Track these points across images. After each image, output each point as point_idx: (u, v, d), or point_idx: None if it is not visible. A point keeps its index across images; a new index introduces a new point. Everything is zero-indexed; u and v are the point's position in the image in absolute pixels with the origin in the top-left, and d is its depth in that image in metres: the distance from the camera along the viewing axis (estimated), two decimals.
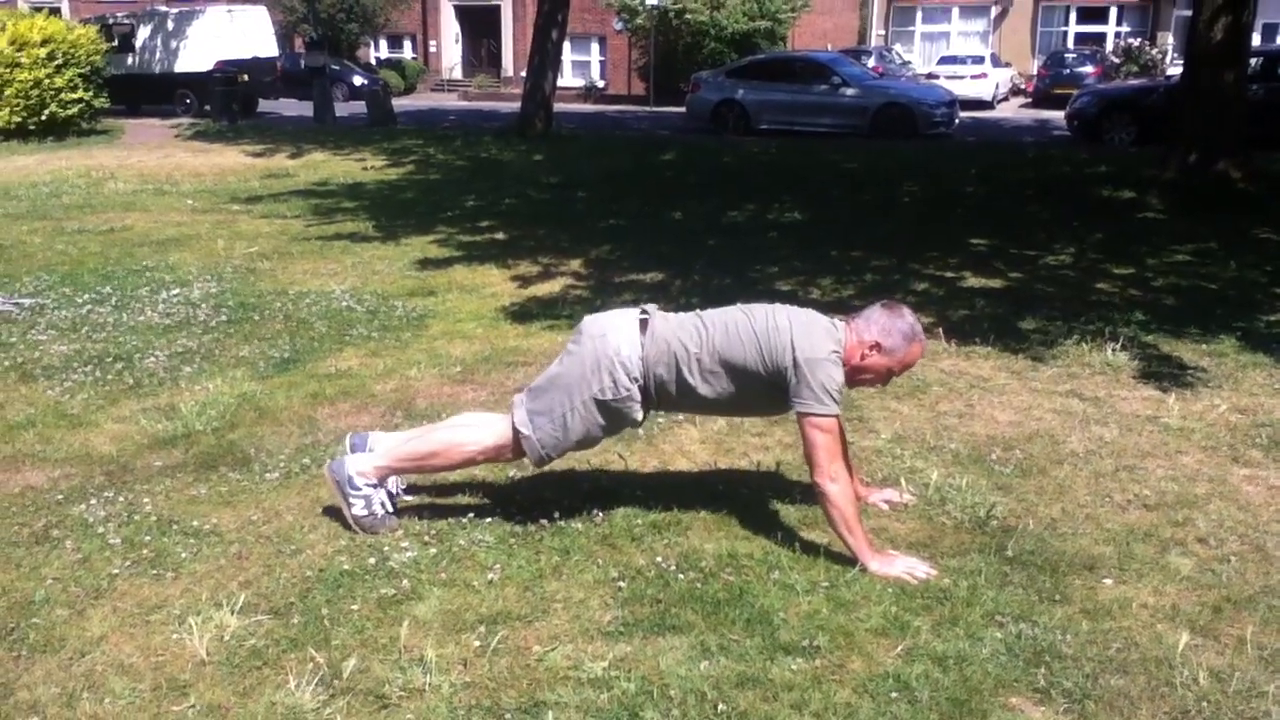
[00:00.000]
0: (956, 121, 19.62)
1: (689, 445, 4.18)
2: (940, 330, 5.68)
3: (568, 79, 32.40)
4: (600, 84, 33.11)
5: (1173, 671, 2.66)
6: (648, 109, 27.91)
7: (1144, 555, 3.27)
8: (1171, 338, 5.56)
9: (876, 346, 3.22)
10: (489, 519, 3.50)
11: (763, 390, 3.26)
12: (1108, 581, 3.12)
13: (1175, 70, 23.08)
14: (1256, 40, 26.04)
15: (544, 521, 3.47)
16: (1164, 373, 5.00)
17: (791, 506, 3.60)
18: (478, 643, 2.79)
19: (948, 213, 9.89)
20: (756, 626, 2.87)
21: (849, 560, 3.19)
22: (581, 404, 3.26)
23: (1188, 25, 12.20)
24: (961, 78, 26.84)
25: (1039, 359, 5.24)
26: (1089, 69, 27.54)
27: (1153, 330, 5.69)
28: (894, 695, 2.57)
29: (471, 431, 3.44)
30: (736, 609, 2.95)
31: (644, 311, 3.36)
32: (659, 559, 3.23)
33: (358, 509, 3.39)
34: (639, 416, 3.35)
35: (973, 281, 6.99)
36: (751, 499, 3.65)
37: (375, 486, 3.40)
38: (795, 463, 3.97)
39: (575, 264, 7.68)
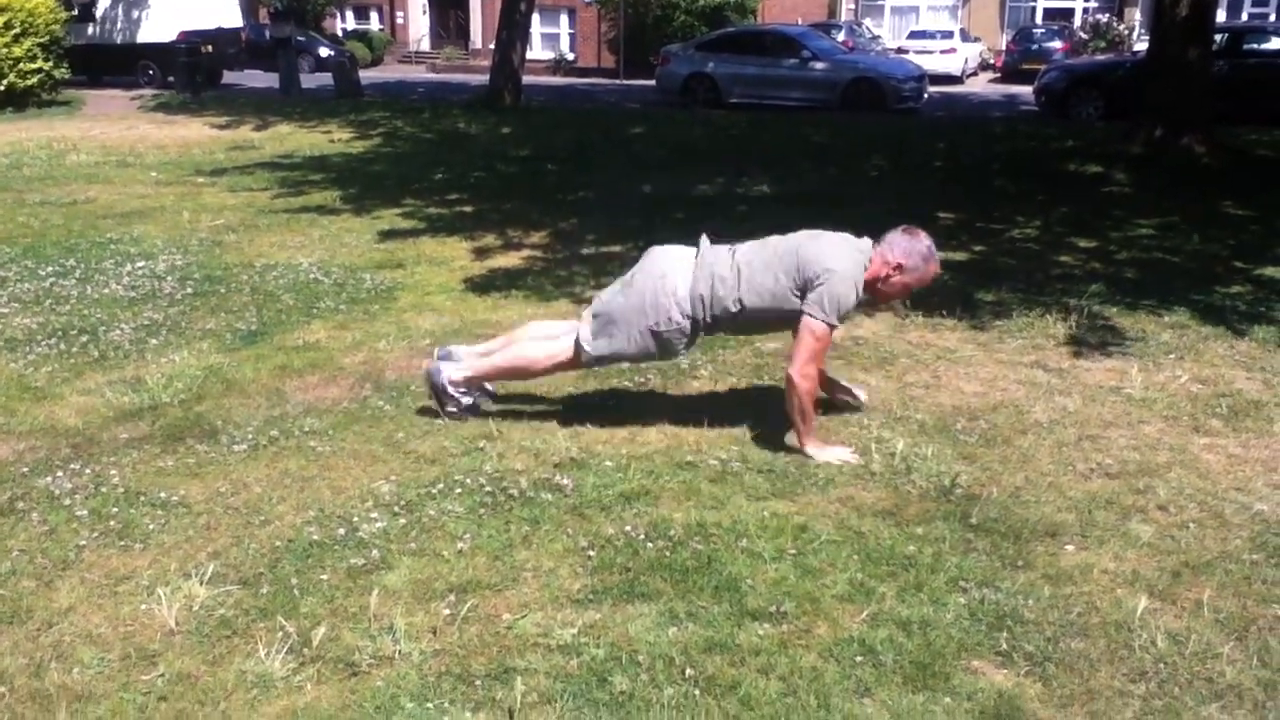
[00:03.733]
0: (925, 96, 19.67)
1: (659, 416, 4.19)
2: (906, 302, 5.72)
3: (537, 51, 32.18)
4: (570, 57, 32.94)
5: (1131, 634, 2.71)
6: (618, 82, 27.78)
7: (1105, 522, 3.33)
8: (1134, 310, 5.62)
9: (899, 267, 3.70)
10: (458, 490, 3.50)
11: (784, 314, 3.71)
12: (1069, 548, 3.17)
13: (1142, 45, 23.24)
14: (1221, 16, 26.27)
15: (513, 492, 3.49)
16: (1126, 344, 5.07)
17: (760, 476, 3.63)
18: (447, 611, 2.80)
19: (915, 186, 9.93)
20: (724, 593, 2.90)
21: (816, 529, 3.24)
22: (639, 333, 3.78)
23: (1154, 1, 12.27)
24: (930, 52, 26.91)
25: (1004, 331, 5.30)
26: (1057, 44, 27.70)
27: (1117, 303, 5.75)
28: (859, 659, 2.61)
29: (542, 348, 3.96)
30: (705, 576, 2.98)
31: (697, 247, 3.84)
32: (628, 528, 3.25)
33: (453, 409, 4.02)
34: (683, 348, 3.88)
35: (939, 254, 7.02)
36: (720, 469, 3.68)
37: (465, 392, 4.01)
38: (764, 434, 4.00)
39: (543, 236, 7.67)
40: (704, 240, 3.89)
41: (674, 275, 3.76)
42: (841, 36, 26.11)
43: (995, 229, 7.92)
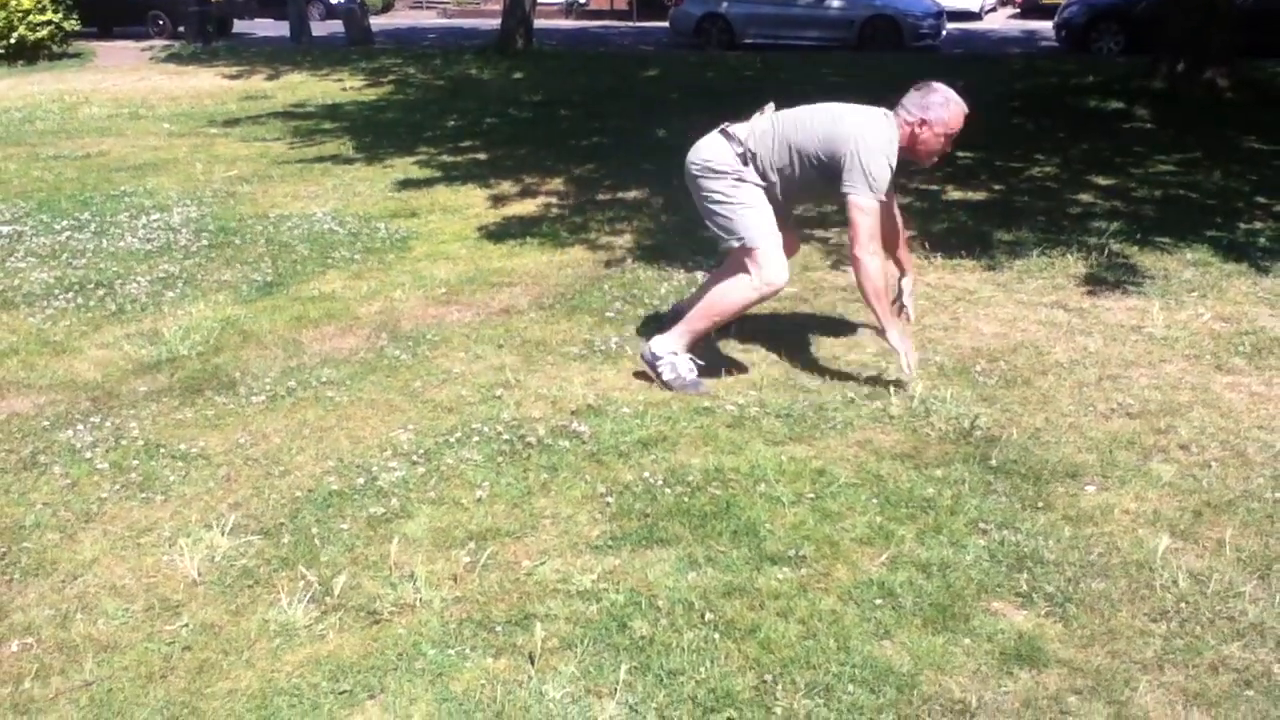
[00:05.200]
0: (944, 33, 19.36)
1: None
2: (925, 244, 5.67)
3: None
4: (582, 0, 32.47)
5: (1153, 574, 2.70)
6: (631, 24, 27.40)
7: (1126, 462, 3.31)
8: (1155, 248, 5.55)
9: (923, 122, 3.72)
10: (476, 438, 3.51)
11: (822, 178, 3.77)
12: (1090, 488, 3.15)
13: None
14: None
15: (531, 440, 3.49)
16: (1147, 283, 5.01)
17: (778, 421, 3.61)
18: (467, 559, 2.81)
19: None
20: (743, 538, 2.90)
21: (834, 472, 3.23)
22: (730, 186, 3.83)
23: None
24: None
25: (1024, 271, 5.24)
26: None
27: (1138, 241, 5.68)
28: (879, 602, 2.61)
29: (730, 289, 3.88)
30: (723, 521, 2.98)
31: (722, 128, 3.94)
32: (646, 474, 3.25)
33: (666, 374, 3.90)
34: (759, 180, 3.85)
35: (955, 195, 6.95)
36: (738, 415, 3.67)
37: (675, 354, 3.91)
38: (780, 378, 3.98)
39: (557, 183, 7.61)
40: (728, 125, 3.98)
41: (701, 149, 3.94)
42: None
43: (1014, 167, 7.82)
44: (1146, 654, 2.42)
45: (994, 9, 29.23)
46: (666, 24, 20.97)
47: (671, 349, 3.93)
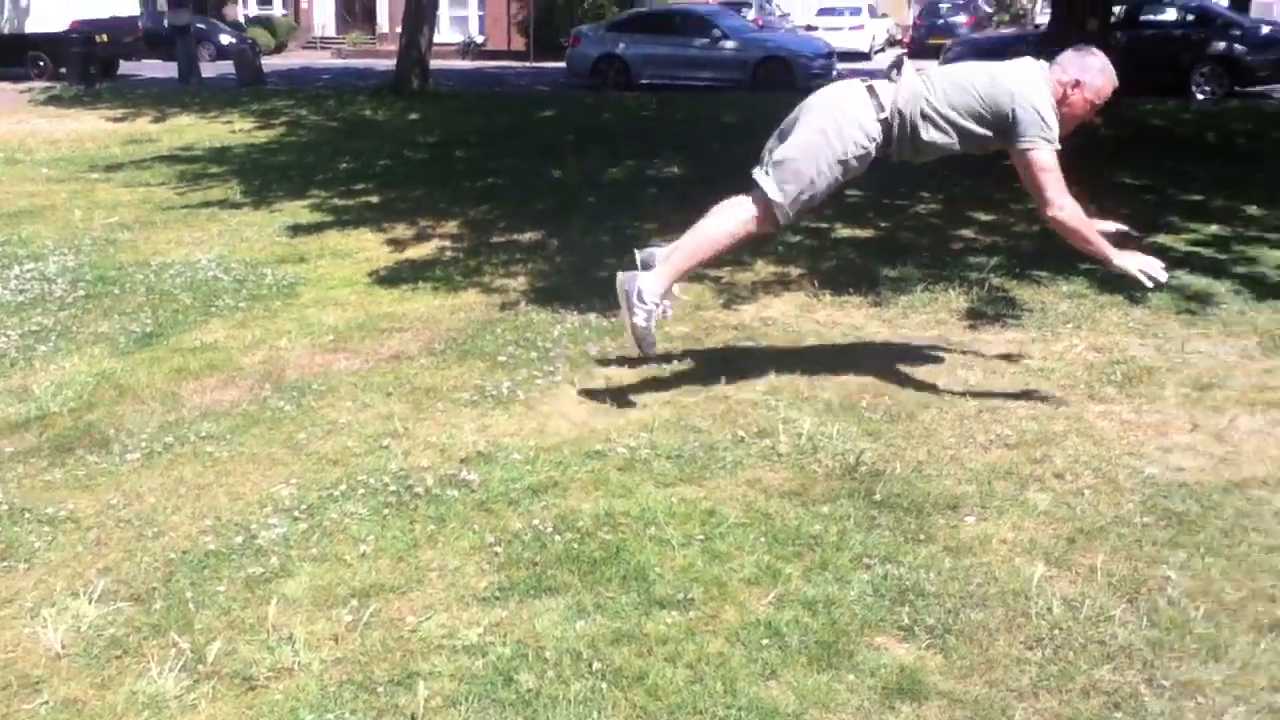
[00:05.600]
0: (835, 73, 19.82)
1: (567, 405, 4.17)
2: (814, 281, 5.77)
3: (445, 35, 31.69)
4: (479, 40, 32.55)
5: (1029, 602, 2.77)
6: (528, 65, 27.55)
7: (1004, 492, 3.39)
8: (1033, 282, 5.74)
9: (1077, 84, 3.73)
10: (362, 490, 3.44)
11: (989, 132, 3.74)
12: (970, 519, 3.22)
13: (1045, 19, 23.70)
14: None
15: (419, 490, 3.44)
16: (1025, 315, 5.18)
17: (669, 462, 3.63)
18: (349, 617, 2.75)
19: None
20: (632, 583, 2.90)
21: (723, 512, 3.25)
22: (827, 165, 3.75)
23: None
24: (839, 29, 27.23)
25: (908, 307, 5.36)
26: (962, 19, 28.19)
27: (1016, 275, 5.86)
28: (765, 642, 2.62)
29: (724, 220, 3.90)
30: (613, 567, 2.97)
31: (866, 80, 3.87)
32: (536, 521, 3.23)
33: (639, 318, 3.84)
34: (866, 166, 3.87)
35: (844, 232, 7.10)
36: (629, 457, 3.67)
37: (658, 302, 3.86)
38: (672, 419, 4.00)
39: (452, 225, 7.56)
40: (871, 81, 3.89)
41: (852, 103, 3.79)
42: (752, 15, 26.20)
43: (900, 204, 8.02)
44: (1022, 682, 2.48)
45: (883, 49, 30.15)
46: (564, 65, 21.11)
47: (656, 296, 3.87)
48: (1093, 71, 3.76)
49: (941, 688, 2.46)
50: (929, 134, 3.79)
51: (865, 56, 27.74)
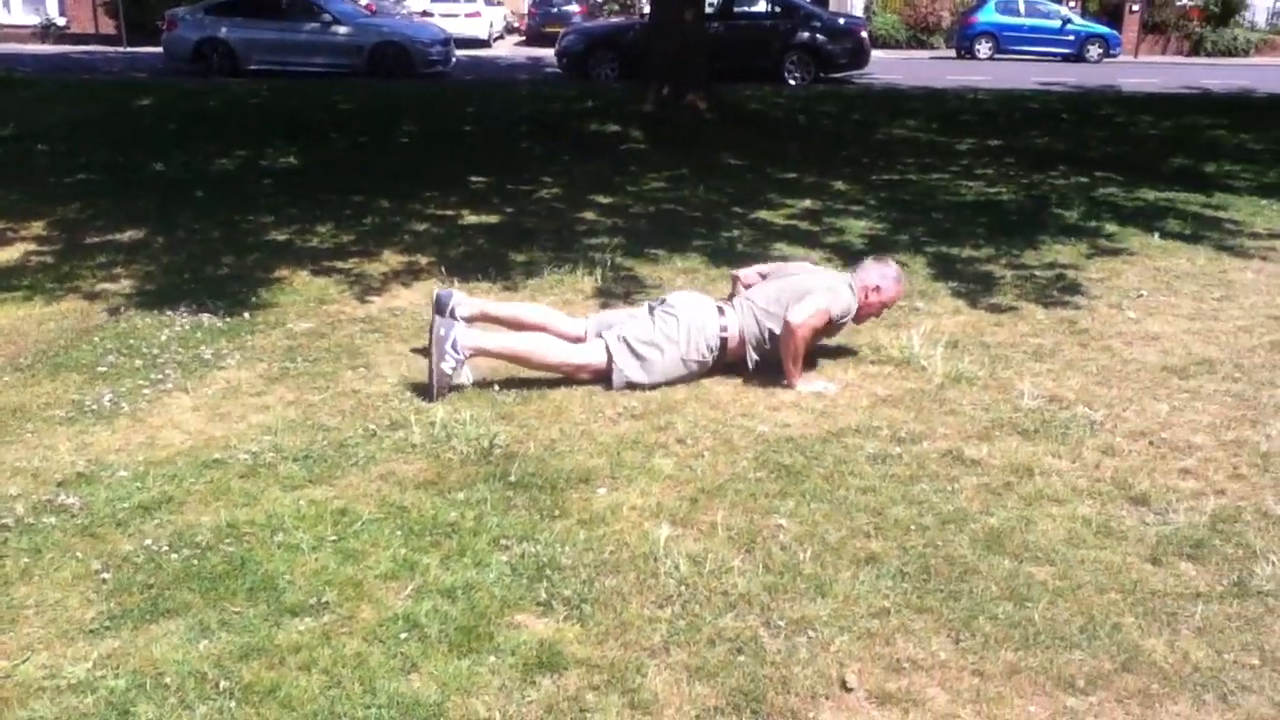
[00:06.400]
0: (454, 60, 19.80)
1: (180, 415, 3.88)
2: (443, 268, 5.74)
3: (18, 15, 28.53)
4: (60, 21, 29.44)
5: (657, 563, 2.91)
6: (121, 50, 25.26)
7: (632, 461, 3.54)
8: (652, 261, 6.03)
9: (877, 289, 4.35)
10: None
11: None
12: (601, 491, 3.34)
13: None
14: None
15: (8, 522, 3.08)
16: (646, 291, 5.42)
17: (296, 465, 3.47)
18: None
19: (446, 152, 9.97)
20: (260, 594, 2.75)
21: (356, 510, 3.17)
22: (671, 365, 4.15)
23: None
24: (455, 16, 27.15)
25: (537, 289, 5.46)
26: (575, 8, 28.98)
27: (636, 254, 6.13)
28: (404, 636, 2.58)
29: (563, 354, 4.15)
30: (238, 580, 2.80)
31: (718, 303, 4.33)
32: (148, 541, 2.98)
33: (447, 365, 4.00)
34: (691, 374, 4.22)
35: (471, 219, 7.12)
36: (252, 463, 3.48)
37: (468, 358, 4.05)
38: (298, 419, 3.83)
39: (38, 227, 6.79)
40: (722, 302, 4.37)
41: (705, 314, 4.22)
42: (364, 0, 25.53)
43: (524, 190, 8.14)
44: (654, 639, 2.60)
45: (501, 37, 30.46)
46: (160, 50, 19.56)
47: (469, 352, 4.05)
48: (890, 280, 4.39)
49: (580, 656, 2.53)
50: (756, 357, 4.27)
51: (485, 44, 27.89)
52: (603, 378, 4.15)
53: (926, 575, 2.89)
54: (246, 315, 4.98)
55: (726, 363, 4.30)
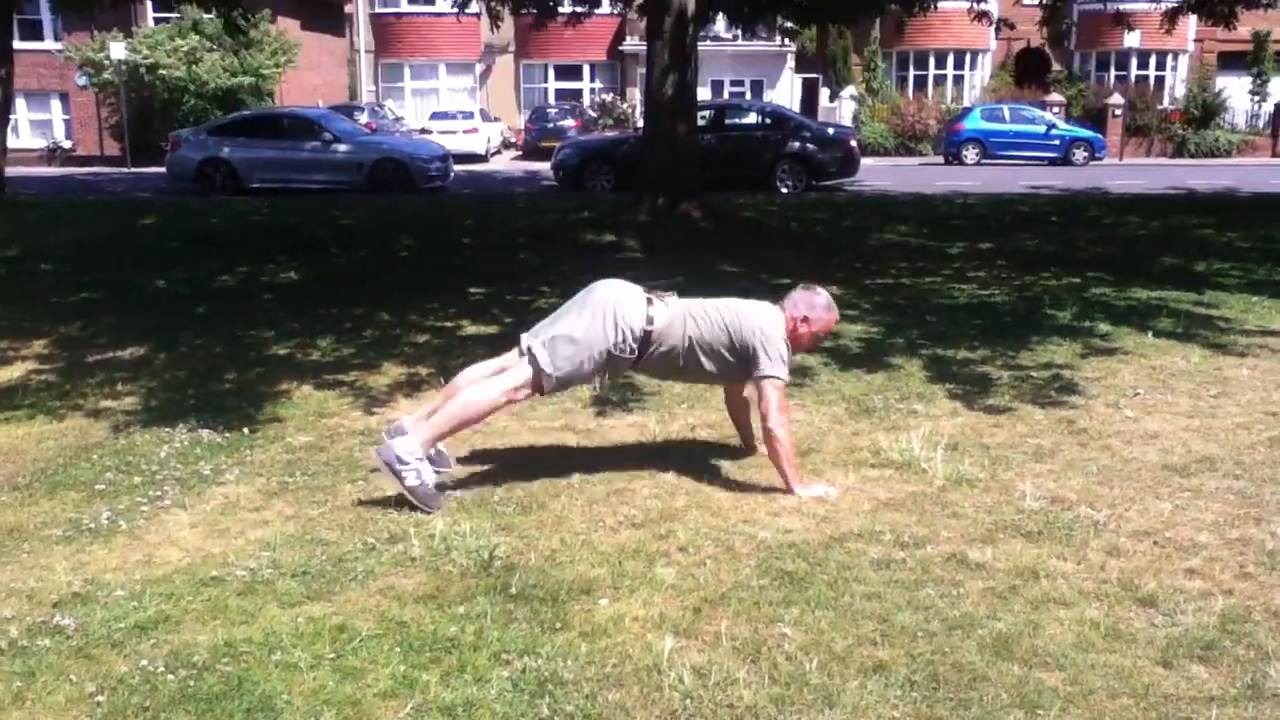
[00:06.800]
0: (452, 175, 20.20)
1: (178, 531, 3.86)
2: (440, 380, 5.76)
3: (26, 140, 29.20)
4: (66, 144, 30.14)
5: (661, 676, 2.86)
6: (125, 170, 25.85)
7: (634, 571, 3.50)
8: None
9: (805, 319, 4.27)
10: None
11: (734, 363, 4.21)
12: (603, 601, 3.30)
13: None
14: (706, 95, 29.57)
15: (1, 644, 3.04)
16: (647, 398, 5.45)
17: (294, 581, 3.44)
18: None
19: (446, 264, 10.11)
20: (258, 715, 2.70)
21: (355, 626, 3.13)
22: (599, 353, 4.07)
23: (646, 81, 13.52)
24: (454, 132, 27.77)
25: (535, 400, 5.45)
26: (570, 122, 29.67)
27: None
28: None
29: (489, 388, 4.12)
30: (234, 701, 2.75)
31: (648, 292, 4.22)
32: (144, 662, 2.93)
33: (410, 480, 3.91)
34: (623, 371, 4.31)
35: (471, 329, 7.18)
36: (250, 580, 3.44)
37: (420, 459, 3.94)
38: (297, 534, 3.81)
39: (39, 345, 6.86)
40: (652, 294, 4.26)
41: (628, 302, 4.13)
42: (364, 118, 26.21)
43: (523, 299, 8.23)
44: None
45: (498, 151, 31.14)
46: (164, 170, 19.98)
47: (417, 454, 3.95)
48: (819, 309, 4.33)
49: None
50: (692, 362, 4.21)
51: (482, 158, 28.49)
52: (538, 388, 4.12)
53: (935, 683, 2.84)
54: (246, 430, 4.98)
55: (651, 369, 4.31)
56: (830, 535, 3.79)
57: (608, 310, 4.10)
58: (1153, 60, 34.00)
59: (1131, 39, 28.67)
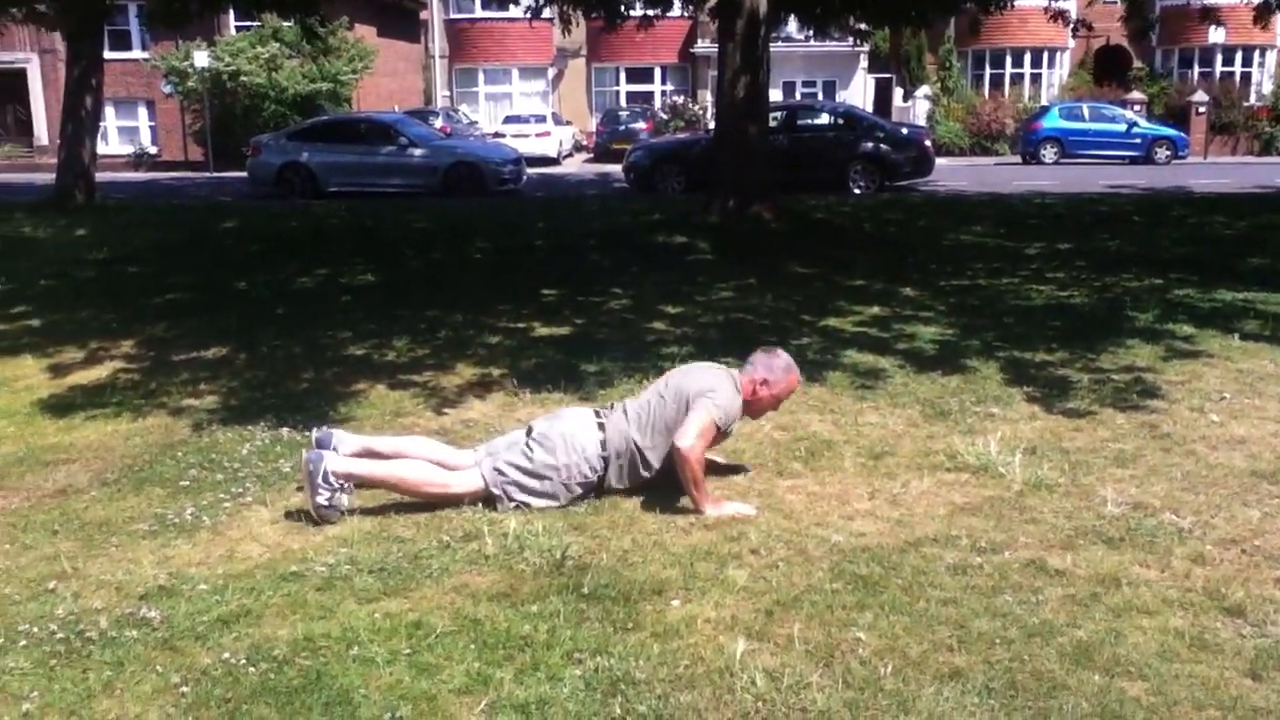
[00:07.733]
0: (525, 178, 20.37)
1: (258, 527, 3.95)
2: (512, 381, 5.82)
3: (114, 146, 30.08)
4: (152, 150, 30.98)
5: (733, 679, 2.85)
6: (208, 175, 26.51)
7: (706, 573, 3.50)
8: None
9: (765, 382, 4.19)
10: (24, 641, 3.09)
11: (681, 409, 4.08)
12: (675, 602, 3.30)
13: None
14: (778, 95, 29.41)
15: (92, 635, 3.13)
16: None
17: (371, 577, 3.49)
18: None
19: (518, 266, 10.19)
20: (336, 708, 2.75)
21: (431, 623, 3.17)
22: (554, 485, 4.05)
23: (717, 83, 13.49)
24: (526, 136, 28.00)
25: (608, 399, 5.49)
26: (641, 125, 29.73)
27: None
28: None
29: (438, 476, 4.08)
30: (314, 694, 2.81)
31: (598, 414, 4.22)
32: (226, 655, 3.00)
33: (322, 499, 3.92)
34: (582, 494, 4.11)
35: (543, 331, 7.23)
36: (328, 575, 3.51)
37: (342, 486, 3.98)
38: (374, 530, 3.87)
39: (128, 345, 7.06)
40: (602, 410, 4.28)
41: (584, 435, 4.09)
42: (439, 123, 26.50)
43: (594, 302, 8.27)
44: None
45: (570, 154, 31.31)
46: (245, 174, 20.45)
47: (342, 479, 3.99)
48: (778, 371, 4.24)
49: None
50: (646, 471, 4.13)
51: (554, 161, 28.67)
52: (486, 501, 4.06)
53: (1014, 691, 2.79)
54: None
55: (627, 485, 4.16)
56: (905, 539, 3.74)
57: (559, 445, 4.06)
58: (1238, 56, 33.03)
59: (1216, 35, 27.90)
